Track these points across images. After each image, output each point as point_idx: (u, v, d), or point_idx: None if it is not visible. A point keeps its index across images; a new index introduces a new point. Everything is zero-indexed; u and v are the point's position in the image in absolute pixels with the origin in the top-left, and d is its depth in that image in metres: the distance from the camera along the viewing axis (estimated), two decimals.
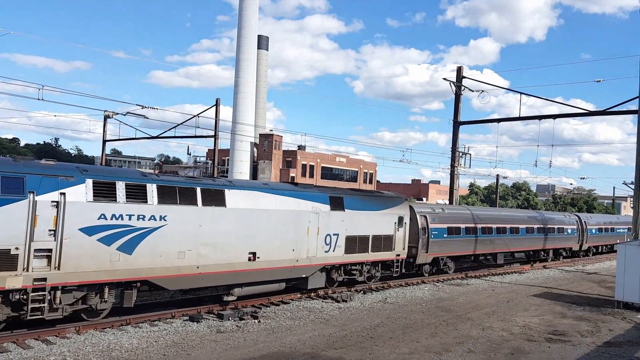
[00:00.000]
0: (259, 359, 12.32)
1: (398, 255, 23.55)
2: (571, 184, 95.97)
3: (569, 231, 39.92)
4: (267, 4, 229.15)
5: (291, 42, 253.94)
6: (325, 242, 19.91)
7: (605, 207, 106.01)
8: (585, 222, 42.73)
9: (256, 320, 15.95)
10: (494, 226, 31.08)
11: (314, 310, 17.85)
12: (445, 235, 26.89)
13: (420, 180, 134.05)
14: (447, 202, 40.11)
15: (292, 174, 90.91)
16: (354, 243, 21.11)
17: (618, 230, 50.19)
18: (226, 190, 16.72)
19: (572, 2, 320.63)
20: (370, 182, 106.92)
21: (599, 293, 24.82)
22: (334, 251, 20.26)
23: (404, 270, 24.31)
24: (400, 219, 23.52)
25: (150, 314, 15.85)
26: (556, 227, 38.04)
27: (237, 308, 17.23)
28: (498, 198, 68.60)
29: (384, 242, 22.57)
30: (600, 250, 47.57)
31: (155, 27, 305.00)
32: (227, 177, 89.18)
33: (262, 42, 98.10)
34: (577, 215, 43.15)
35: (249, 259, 17.14)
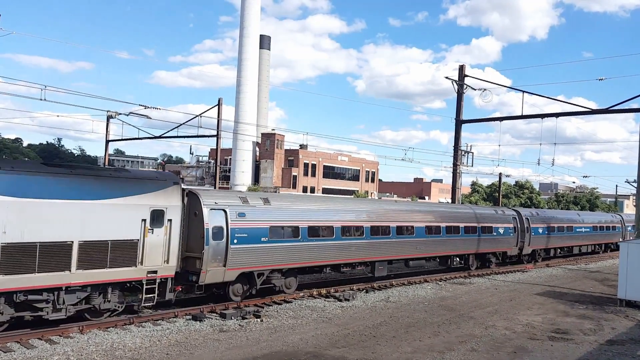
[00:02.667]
0: (262, 358, 12.35)
1: (153, 272, 15.26)
2: (574, 182, 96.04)
3: (501, 231, 31.20)
4: (269, 4, 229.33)
5: (293, 42, 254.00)
6: None
7: (607, 205, 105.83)
8: (527, 218, 34.06)
9: (259, 320, 15.99)
10: (367, 225, 22.21)
11: (316, 309, 17.88)
12: (265, 239, 18.18)
13: (422, 178, 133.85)
14: (450, 200, 39.90)
15: (294, 173, 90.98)
16: (27, 255, 12.94)
17: (578, 230, 41.00)
18: None
19: (574, 1, 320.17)
20: (373, 181, 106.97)
21: (601, 291, 24.80)
22: None
23: (171, 296, 16.04)
24: (158, 214, 15.43)
25: (153, 313, 15.90)
26: (480, 225, 29.45)
27: (239, 307, 17.26)
28: (501, 197, 68.50)
29: (115, 251, 14.44)
30: (552, 254, 38.67)
31: (158, 27, 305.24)
32: (229, 176, 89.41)
33: (264, 42, 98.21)
34: (515, 211, 34.41)
35: None
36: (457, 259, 28.95)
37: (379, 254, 22.88)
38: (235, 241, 17.32)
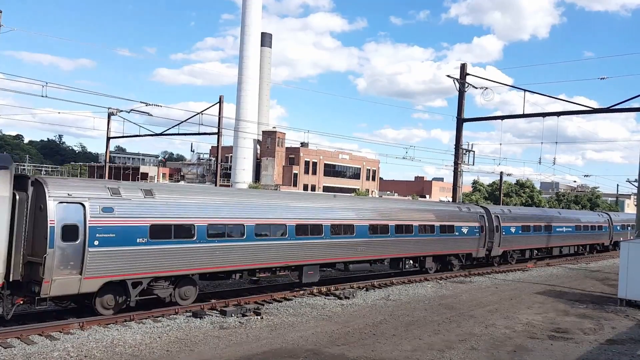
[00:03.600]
0: (262, 355, 12.36)
1: None
2: (575, 181, 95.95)
3: (465, 230, 27.92)
4: (271, 2, 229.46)
5: (295, 40, 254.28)
6: None
7: (608, 204, 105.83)
8: (497, 217, 31.06)
9: (259, 317, 15.99)
10: (291, 223, 19.20)
11: (316, 306, 17.89)
12: (143, 240, 15.07)
13: (423, 177, 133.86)
14: (451, 199, 39.75)
15: (294, 171, 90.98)
16: None
17: (558, 230, 37.76)
18: None
19: (575, 0, 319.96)
20: (373, 179, 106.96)
21: (602, 291, 24.79)
22: None
23: None
24: None
25: (153, 310, 15.89)
26: (438, 224, 26.24)
27: (239, 304, 17.26)
28: (502, 195, 68.48)
29: None
30: (528, 255, 35.60)
31: (160, 25, 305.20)
32: (230, 174, 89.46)
33: (266, 40, 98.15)
34: (483, 208, 31.29)
35: None
36: (411, 261, 25.19)
37: (307, 257, 19.78)
38: (96, 243, 14.09)
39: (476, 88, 36.56)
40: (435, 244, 26.26)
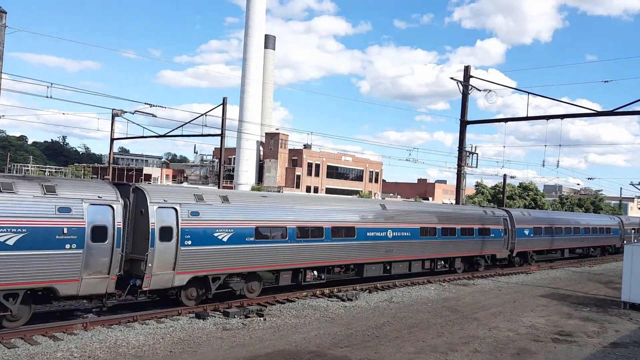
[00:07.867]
0: (265, 356, 12.36)
1: None
2: (578, 184, 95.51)
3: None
4: (275, 5, 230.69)
5: (299, 43, 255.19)
6: None
7: (612, 207, 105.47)
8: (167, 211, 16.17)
9: (262, 318, 16.00)
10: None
11: (319, 308, 17.88)
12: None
13: (426, 179, 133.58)
14: (454, 202, 39.66)
15: (297, 173, 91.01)
16: None
17: (369, 235, 21.94)
18: None
19: (578, 4, 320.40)
20: (376, 181, 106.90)
21: (605, 294, 24.72)
22: None
23: None
24: None
25: (157, 311, 15.92)
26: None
27: (242, 306, 17.27)
28: (505, 198, 68.32)
29: None
30: (312, 277, 20.12)
31: (164, 28, 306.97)
32: (233, 175, 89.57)
33: (269, 42, 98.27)
34: (138, 192, 15.83)
35: None
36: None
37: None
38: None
39: (479, 91, 36.48)
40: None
